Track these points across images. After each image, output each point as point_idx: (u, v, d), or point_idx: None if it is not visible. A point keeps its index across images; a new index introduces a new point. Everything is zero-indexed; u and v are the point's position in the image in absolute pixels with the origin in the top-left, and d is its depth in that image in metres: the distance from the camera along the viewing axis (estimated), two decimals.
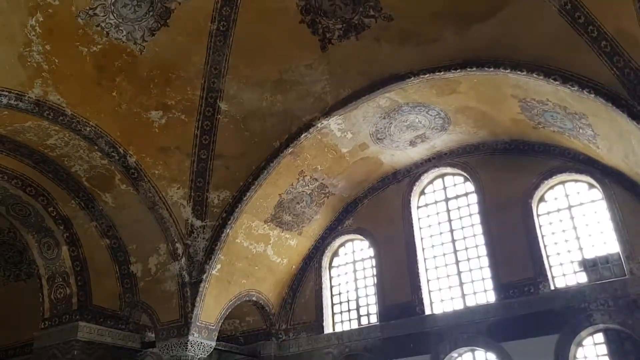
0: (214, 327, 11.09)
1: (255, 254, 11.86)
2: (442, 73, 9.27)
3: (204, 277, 10.88)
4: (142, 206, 10.76)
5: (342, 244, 13.09)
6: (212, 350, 11.02)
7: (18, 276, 12.79)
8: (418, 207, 12.36)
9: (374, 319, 11.90)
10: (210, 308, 11.02)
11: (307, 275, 12.90)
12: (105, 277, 11.21)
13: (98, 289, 11.06)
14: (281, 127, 10.68)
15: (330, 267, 13.02)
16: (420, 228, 12.10)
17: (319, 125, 10.50)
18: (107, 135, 9.88)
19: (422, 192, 12.50)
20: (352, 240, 13.00)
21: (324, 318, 12.32)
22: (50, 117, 9.14)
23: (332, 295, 12.70)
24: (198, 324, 10.74)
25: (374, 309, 11.99)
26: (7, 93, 8.44)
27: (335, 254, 13.10)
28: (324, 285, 12.69)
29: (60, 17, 8.43)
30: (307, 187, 11.86)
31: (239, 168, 10.90)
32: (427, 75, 9.39)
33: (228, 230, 11.02)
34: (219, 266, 11.10)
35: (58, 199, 10.73)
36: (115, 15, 8.93)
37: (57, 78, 8.89)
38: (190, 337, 10.54)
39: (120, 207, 10.91)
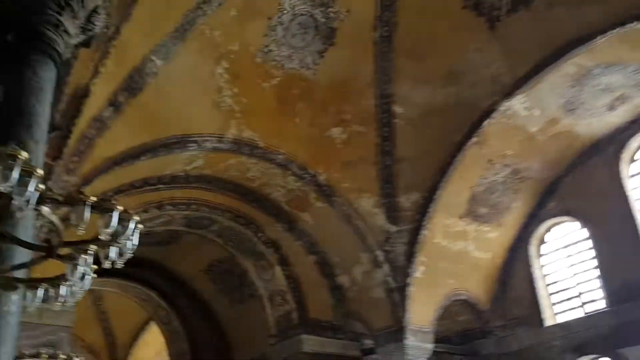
0: (428, 330, 11.10)
1: (456, 252, 11.62)
2: (634, 24, 8.22)
3: (409, 281, 10.97)
4: (338, 220, 11.22)
5: (548, 229, 12.19)
6: (430, 352, 11.02)
7: (240, 299, 14.07)
8: (630, 176, 11.04)
9: (600, 305, 10.86)
10: (421, 311, 11.05)
11: (514, 266, 12.23)
12: (317, 290, 11.89)
13: (313, 302, 11.80)
14: (460, 118, 10.36)
15: (539, 254, 12.21)
16: (636, 199, 10.80)
17: (501, 108, 9.99)
18: (297, 159, 10.51)
19: (632, 159, 11.14)
20: (558, 223, 12.05)
21: (543, 310, 11.58)
22: (247, 152, 10.03)
23: (546, 285, 11.88)
24: (412, 327, 10.84)
25: (598, 294, 10.94)
26: (209, 138, 9.46)
27: (542, 240, 12.25)
28: (535, 275, 11.92)
29: (241, 61, 9.20)
30: (498, 176, 11.31)
31: (424, 168, 10.80)
32: (615, 30, 8.40)
33: (424, 232, 10.99)
34: (422, 268, 11.10)
35: (265, 224, 11.68)
36: (286, 47, 9.49)
37: (247, 116, 9.69)
38: (407, 342, 10.67)
39: (319, 223, 11.49)
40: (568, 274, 11.65)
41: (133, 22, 7.46)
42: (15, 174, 1.87)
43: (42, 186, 2.00)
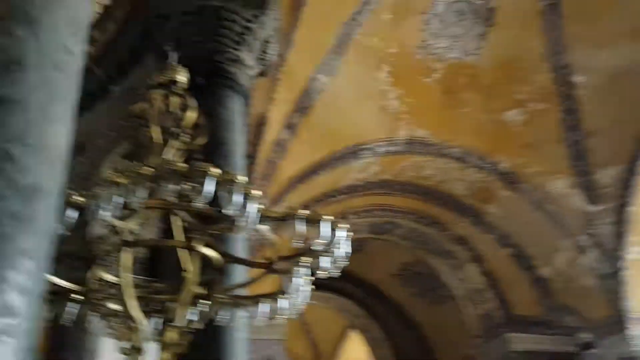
0: None
1: None
2: None
3: (622, 264, 9.84)
4: (528, 207, 10.51)
5: None
6: None
7: (436, 300, 13.85)
8: None
9: None
10: None
11: None
12: (517, 285, 11.20)
13: (515, 298, 11.14)
14: None
15: None
16: None
17: None
18: (473, 150, 10.10)
19: None
20: None
21: None
22: (420, 151, 9.91)
23: None
24: (635, 316, 9.70)
25: None
26: (381, 143, 9.55)
27: None
28: None
29: (401, 61, 9.14)
30: None
31: (620, 138, 9.67)
32: None
33: (631, 208, 9.81)
34: (636, 249, 9.89)
35: (449, 221, 11.37)
36: (445, 37, 9.22)
37: (415, 115, 9.59)
38: (630, 332, 9.56)
39: (507, 214, 10.86)
40: None
41: (296, 46, 7.88)
42: (239, 197, 1.98)
43: (261, 206, 2.10)
